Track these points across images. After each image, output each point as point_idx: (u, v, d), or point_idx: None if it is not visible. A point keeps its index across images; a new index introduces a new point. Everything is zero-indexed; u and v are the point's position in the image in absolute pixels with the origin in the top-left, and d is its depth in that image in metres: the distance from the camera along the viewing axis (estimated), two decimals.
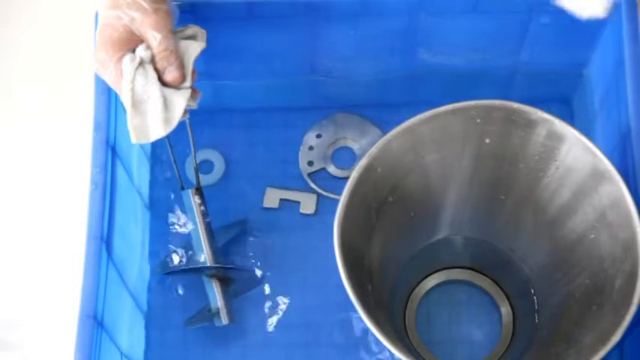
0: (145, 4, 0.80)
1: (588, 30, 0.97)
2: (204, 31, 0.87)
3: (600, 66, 0.98)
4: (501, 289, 1.00)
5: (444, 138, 0.86)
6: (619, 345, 0.76)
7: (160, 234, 1.04)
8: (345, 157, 1.08)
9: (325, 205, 1.05)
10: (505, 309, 1.00)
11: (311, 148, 1.07)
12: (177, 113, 0.82)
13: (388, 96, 1.07)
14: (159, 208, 1.05)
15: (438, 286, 1.01)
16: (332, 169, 1.06)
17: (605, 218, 0.83)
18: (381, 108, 1.08)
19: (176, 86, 0.82)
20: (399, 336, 0.92)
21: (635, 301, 0.76)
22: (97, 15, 0.84)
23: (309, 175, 1.06)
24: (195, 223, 0.98)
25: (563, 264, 0.89)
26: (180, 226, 1.03)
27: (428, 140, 0.86)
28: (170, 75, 0.82)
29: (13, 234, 1.08)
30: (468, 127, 0.85)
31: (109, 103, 0.90)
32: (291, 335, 1.00)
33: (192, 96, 0.85)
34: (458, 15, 0.95)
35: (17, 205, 1.09)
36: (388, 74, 1.03)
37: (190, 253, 1.00)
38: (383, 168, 0.85)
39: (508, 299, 1.00)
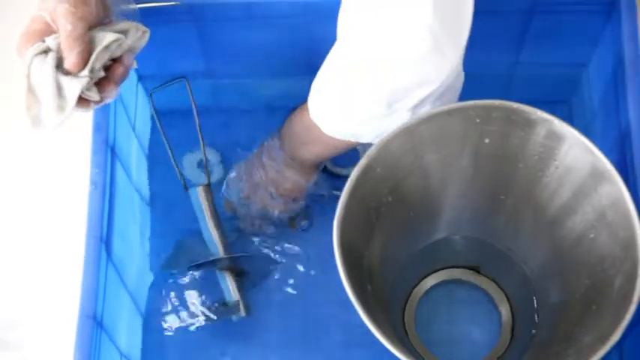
0: None
1: (588, 30, 0.97)
2: (144, 29, 0.84)
3: (600, 66, 0.98)
4: (501, 289, 1.00)
5: (443, 138, 0.86)
6: (619, 345, 0.76)
7: (160, 233, 1.04)
8: (344, 154, 1.08)
9: (325, 206, 1.05)
10: (505, 309, 1.00)
11: None
12: (71, 101, 0.79)
13: None
14: (158, 208, 1.05)
15: (437, 286, 1.01)
16: (332, 166, 1.06)
17: (604, 218, 0.83)
18: None
19: (75, 74, 0.80)
20: (399, 336, 0.92)
21: (634, 300, 0.76)
22: None
23: None
24: (204, 220, 0.99)
25: (563, 264, 0.89)
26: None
27: (427, 140, 0.86)
28: (68, 61, 0.79)
29: (13, 234, 1.08)
30: (467, 127, 0.85)
31: (108, 104, 0.90)
32: (291, 335, 1.00)
33: (104, 88, 0.82)
34: None
35: (17, 205, 1.09)
36: None
37: (197, 250, 1.00)
38: (382, 168, 0.85)
39: (508, 299, 1.00)
